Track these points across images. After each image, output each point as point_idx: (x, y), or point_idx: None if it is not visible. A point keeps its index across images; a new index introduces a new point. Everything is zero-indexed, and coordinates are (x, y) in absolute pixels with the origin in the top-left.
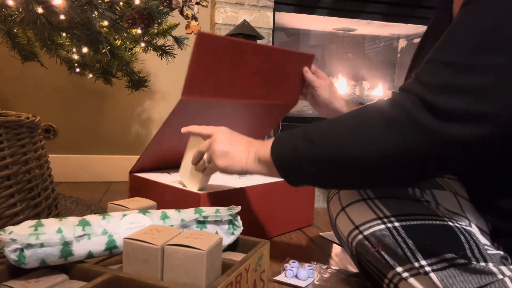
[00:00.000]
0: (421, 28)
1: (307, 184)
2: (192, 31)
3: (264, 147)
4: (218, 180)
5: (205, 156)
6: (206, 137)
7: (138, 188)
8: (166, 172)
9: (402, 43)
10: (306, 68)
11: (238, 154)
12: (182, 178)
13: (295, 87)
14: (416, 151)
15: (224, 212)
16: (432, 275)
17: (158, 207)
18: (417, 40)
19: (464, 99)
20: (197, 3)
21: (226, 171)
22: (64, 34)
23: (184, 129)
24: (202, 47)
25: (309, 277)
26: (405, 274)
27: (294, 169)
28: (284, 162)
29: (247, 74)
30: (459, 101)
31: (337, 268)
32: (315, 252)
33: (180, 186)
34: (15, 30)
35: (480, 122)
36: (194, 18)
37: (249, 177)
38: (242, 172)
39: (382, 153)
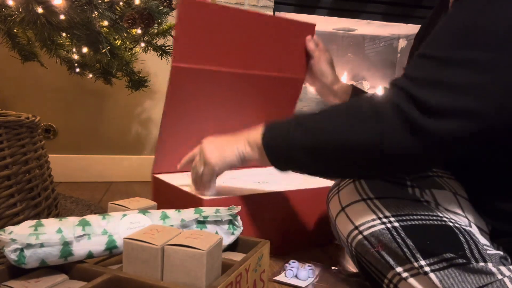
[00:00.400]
0: None
1: (295, 170)
2: None
3: (255, 132)
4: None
5: (199, 168)
6: (197, 153)
7: (158, 190)
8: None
9: (402, 43)
10: (309, 37)
11: (227, 145)
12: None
13: (299, 58)
14: (402, 144)
15: (224, 212)
16: (432, 275)
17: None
18: None
19: (444, 93)
20: None
21: (221, 163)
22: (64, 34)
23: (179, 165)
24: (186, 12)
25: (309, 277)
26: (404, 274)
27: (283, 154)
28: (274, 146)
29: (243, 43)
30: (440, 96)
31: (337, 268)
32: (315, 252)
33: (189, 190)
34: (15, 30)
35: (457, 117)
36: None
37: (269, 184)
38: (237, 160)
39: (371, 144)
